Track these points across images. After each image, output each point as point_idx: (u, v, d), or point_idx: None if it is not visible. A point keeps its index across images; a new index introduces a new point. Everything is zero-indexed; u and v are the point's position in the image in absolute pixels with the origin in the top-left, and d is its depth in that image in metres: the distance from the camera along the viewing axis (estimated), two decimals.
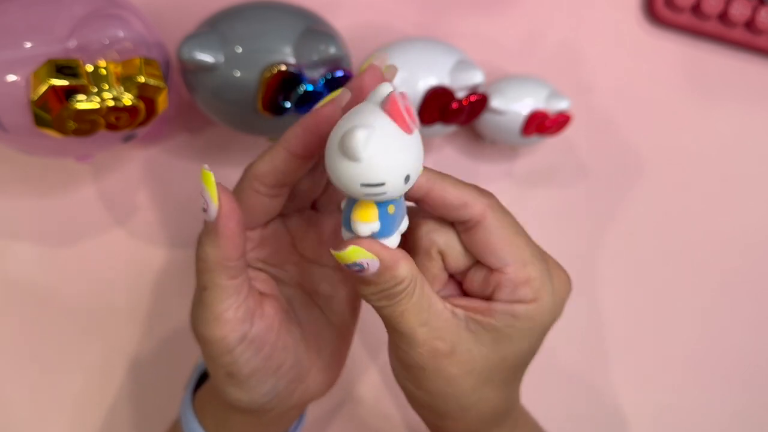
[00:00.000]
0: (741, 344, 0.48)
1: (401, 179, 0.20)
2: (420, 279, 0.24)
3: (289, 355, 0.27)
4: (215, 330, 0.24)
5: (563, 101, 0.40)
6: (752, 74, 0.49)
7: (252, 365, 0.26)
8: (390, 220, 0.22)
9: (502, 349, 0.25)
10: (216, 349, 0.25)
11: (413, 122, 0.20)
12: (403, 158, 0.20)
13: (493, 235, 0.24)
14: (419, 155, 0.20)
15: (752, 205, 0.49)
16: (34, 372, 0.38)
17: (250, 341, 0.25)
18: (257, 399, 0.27)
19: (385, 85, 0.21)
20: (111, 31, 0.29)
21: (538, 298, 0.25)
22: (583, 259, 0.46)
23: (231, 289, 0.24)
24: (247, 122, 0.34)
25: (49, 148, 0.32)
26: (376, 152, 0.19)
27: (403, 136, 0.20)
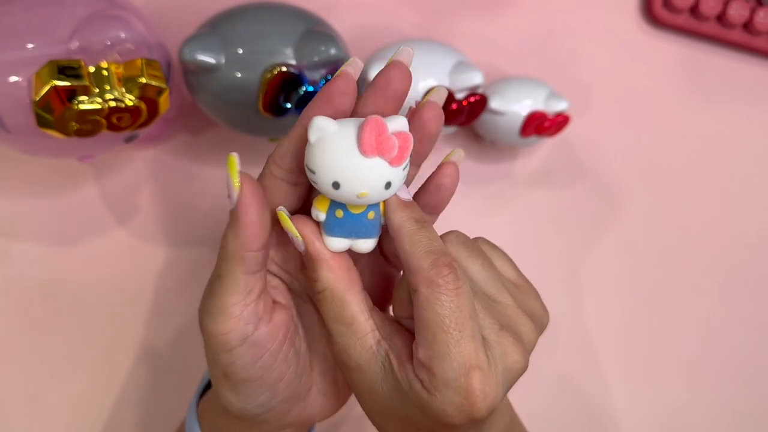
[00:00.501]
0: (740, 345, 0.49)
1: (329, 184, 0.22)
2: (343, 293, 0.24)
3: (289, 370, 0.26)
4: (219, 324, 0.24)
5: (562, 102, 0.40)
6: (750, 75, 0.49)
7: (249, 371, 0.25)
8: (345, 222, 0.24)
9: (399, 402, 0.24)
10: (216, 345, 0.24)
11: (380, 152, 0.22)
12: (338, 167, 0.22)
13: (419, 308, 0.23)
14: (370, 182, 0.22)
15: (751, 205, 0.49)
16: (35, 372, 0.38)
17: (251, 344, 0.24)
18: (250, 408, 0.26)
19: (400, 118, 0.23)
20: (113, 33, 0.29)
21: (434, 395, 0.23)
22: (581, 259, 0.46)
23: (243, 284, 0.24)
24: (248, 123, 0.34)
25: (51, 148, 0.32)
26: (321, 147, 0.22)
27: (355, 154, 0.22)
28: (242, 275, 0.24)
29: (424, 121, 0.24)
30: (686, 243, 0.48)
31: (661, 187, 0.48)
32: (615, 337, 0.46)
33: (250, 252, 0.23)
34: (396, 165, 0.22)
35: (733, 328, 0.49)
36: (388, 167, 0.22)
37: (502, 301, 0.26)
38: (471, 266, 0.26)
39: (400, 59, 0.24)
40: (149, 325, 0.40)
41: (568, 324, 0.46)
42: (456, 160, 0.26)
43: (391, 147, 0.22)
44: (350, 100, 0.24)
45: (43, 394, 0.38)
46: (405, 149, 0.22)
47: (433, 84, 0.36)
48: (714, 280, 0.48)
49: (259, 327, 0.25)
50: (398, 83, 0.24)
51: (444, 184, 0.26)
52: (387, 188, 0.23)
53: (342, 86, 0.23)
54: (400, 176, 0.23)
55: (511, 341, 0.24)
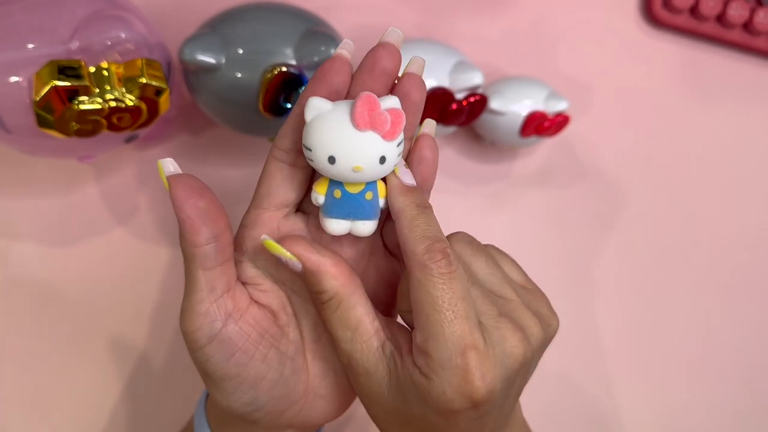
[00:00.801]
0: (740, 344, 0.49)
1: (325, 159, 0.23)
2: (349, 297, 0.24)
3: (270, 370, 0.26)
4: (186, 322, 0.24)
5: (562, 102, 0.40)
6: (750, 75, 0.49)
7: (223, 368, 0.25)
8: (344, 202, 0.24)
9: (401, 402, 0.24)
10: (188, 343, 0.25)
11: (373, 126, 0.23)
12: (332, 142, 0.23)
13: (413, 292, 0.23)
14: (364, 155, 0.23)
15: (750, 205, 0.49)
16: (35, 371, 0.38)
17: (220, 342, 0.24)
18: (235, 406, 0.26)
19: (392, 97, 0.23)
20: (113, 33, 0.29)
21: (430, 378, 0.23)
22: (581, 259, 0.46)
23: (204, 281, 0.24)
24: (248, 123, 0.34)
25: (52, 148, 0.32)
26: (317, 124, 0.23)
27: (349, 128, 0.22)
28: (200, 272, 0.24)
29: (405, 90, 0.25)
30: (686, 243, 0.48)
31: (661, 187, 0.48)
32: (615, 336, 0.46)
33: (198, 247, 0.24)
34: (389, 139, 0.23)
35: (733, 327, 0.49)
36: (381, 141, 0.23)
37: (506, 296, 0.26)
38: (475, 263, 0.26)
39: (388, 40, 0.24)
40: (150, 324, 0.40)
41: (568, 323, 0.45)
42: (428, 131, 0.26)
43: (383, 121, 0.23)
44: (344, 79, 0.24)
45: (44, 393, 0.38)
46: (397, 124, 0.23)
47: (434, 84, 0.36)
48: (714, 280, 0.48)
49: (227, 324, 0.25)
50: (386, 62, 0.24)
51: (425, 156, 0.26)
52: (382, 163, 0.23)
53: (336, 66, 0.24)
54: (394, 151, 0.23)
55: (510, 327, 0.24)
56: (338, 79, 0.24)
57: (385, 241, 0.28)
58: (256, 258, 0.26)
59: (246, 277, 0.27)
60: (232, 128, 0.36)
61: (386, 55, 0.24)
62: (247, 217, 0.27)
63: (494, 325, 0.24)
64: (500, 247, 0.30)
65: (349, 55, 0.25)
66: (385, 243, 0.28)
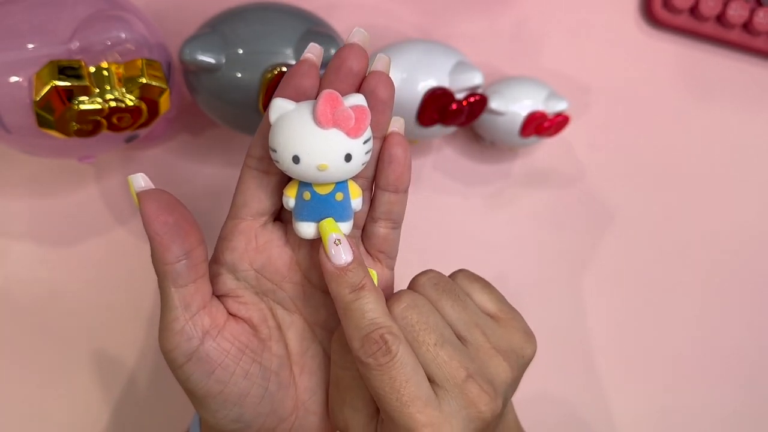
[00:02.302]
0: (740, 344, 0.49)
1: (289, 159, 0.22)
2: None
3: (254, 386, 0.25)
4: (163, 341, 0.24)
5: (562, 102, 0.40)
6: (749, 75, 0.49)
7: (205, 387, 0.25)
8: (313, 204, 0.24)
9: None
10: (168, 362, 0.24)
11: (336, 123, 0.22)
12: (295, 140, 0.22)
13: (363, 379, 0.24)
14: (328, 153, 0.22)
15: (750, 205, 0.49)
16: (35, 371, 0.38)
17: (198, 360, 0.24)
18: (223, 424, 0.26)
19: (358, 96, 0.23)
20: (113, 33, 0.29)
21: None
22: (581, 259, 0.46)
23: (178, 299, 0.24)
24: (249, 123, 0.34)
25: (52, 148, 0.32)
26: (280, 124, 0.23)
27: (312, 126, 0.22)
28: (173, 290, 0.23)
29: (371, 88, 0.24)
30: (686, 243, 0.48)
31: (660, 186, 0.48)
32: (614, 336, 0.47)
33: (168, 265, 0.23)
34: (354, 135, 0.22)
35: (733, 328, 0.49)
36: (346, 138, 0.22)
37: (474, 342, 0.25)
38: (442, 308, 0.25)
39: (354, 40, 0.24)
40: (150, 324, 0.40)
41: (567, 323, 0.46)
42: (397, 128, 0.26)
43: (347, 117, 0.22)
44: (311, 82, 0.24)
45: (44, 394, 0.38)
46: (361, 120, 0.22)
47: (434, 84, 0.36)
48: (713, 280, 0.48)
49: (204, 342, 0.24)
50: (352, 62, 0.24)
51: (395, 154, 0.25)
52: (348, 161, 0.23)
53: (303, 69, 0.24)
54: (360, 149, 0.23)
55: (477, 391, 0.24)
56: (306, 83, 0.24)
57: (367, 246, 0.27)
58: (236, 270, 0.26)
59: (226, 289, 0.26)
60: (232, 128, 0.36)
61: (352, 55, 0.24)
62: (225, 228, 0.26)
63: (458, 392, 0.24)
64: (501, 247, 0.30)
65: (316, 58, 0.24)
66: (367, 248, 0.27)
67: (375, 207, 0.26)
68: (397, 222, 0.27)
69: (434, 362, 0.24)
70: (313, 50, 0.24)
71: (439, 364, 0.24)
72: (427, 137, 0.40)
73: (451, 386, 0.24)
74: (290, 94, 0.24)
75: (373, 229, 0.27)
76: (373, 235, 0.27)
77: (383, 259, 0.27)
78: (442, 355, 0.24)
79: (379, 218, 0.26)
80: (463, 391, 0.24)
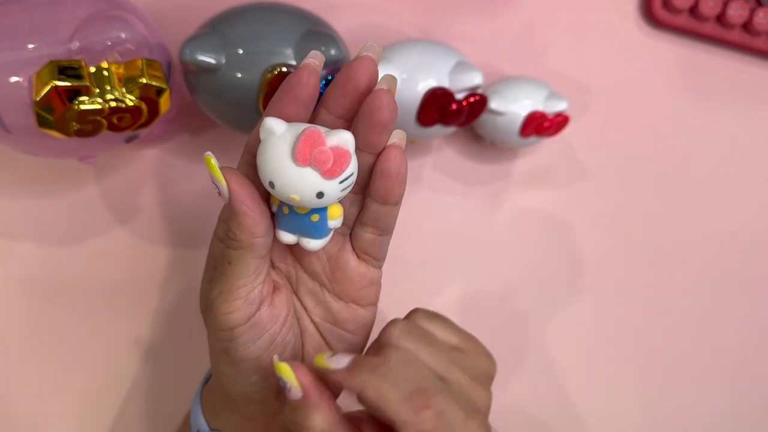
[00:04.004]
0: (739, 345, 0.49)
1: (266, 182, 0.23)
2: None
3: (285, 353, 0.27)
4: (226, 303, 0.25)
5: (561, 102, 0.40)
6: (749, 75, 0.49)
7: (247, 350, 0.26)
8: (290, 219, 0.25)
9: None
10: (220, 322, 0.25)
11: (313, 163, 0.22)
12: (272, 170, 0.23)
13: None
14: (300, 189, 0.23)
15: (749, 205, 0.49)
16: (36, 371, 0.38)
17: (252, 324, 0.26)
18: (243, 384, 0.27)
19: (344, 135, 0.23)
20: (113, 33, 0.29)
21: None
22: (581, 259, 0.46)
23: (253, 267, 0.25)
24: (249, 123, 0.34)
25: (52, 148, 0.32)
26: (263, 148, 0.23)
27: (289, 161, 0.22)
28: (252, 260, 0.25)
29: (372, 108, 0.23)
30: (686, 243, 0.48)
31: (660, 186, 0.48)
32: (614, 336, 0.47)
33: (257, 238, 0.24)
34: (329, 177, 0.23)
35: (733, 328, 0.49)
36: (320, 178, 0.23)
37: (455, 380, 0.26)
38: (421, 355, 0.26)
39: (366, 54, 0.24)
40: (150, 324, 0.40)
41: (566, 323, 0.46)
42: (398, 142, 0.25)
43: (324, 159, 0.22)
44: (309, 92, 0.24)
45: (45, 393, 0.38)
46: (339, 164, 0.23)
47: (434, 84, 0.36)
48: (713, 280, 0.48)
49: (261, 308, 0.26)
50: (361, 79, 0.24)
51: (387, 169, 0.25)
52: (319, 197, 0.23)
53: (302, 80, 0.24)
54: (334, 188, 0.23)
55: (476, 426, 0.25)
56: (305, 93, 0.24)
57: (354, 246, 0.28)
58: None
59: None
60: (232, 128, 0.36)
61: (360, 72, 0.24)
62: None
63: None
64: (501, 247, 0.30)
65: (318, 66, 0.24)
66: (354, 247, 0.28)
67: (364, 213, 0.27)
68: (385, 230, 0.27)
69: None
70: (314, 57, 0.24)
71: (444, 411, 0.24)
72: (427, 137, 0.40)
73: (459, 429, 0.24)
74: (288, 104, 0.24)
75: (360, 233, 0.27)
76: (359, 239, 0.27)
77: (369, 260, 0.28)
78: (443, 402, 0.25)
79: (367, 224, 0.27)
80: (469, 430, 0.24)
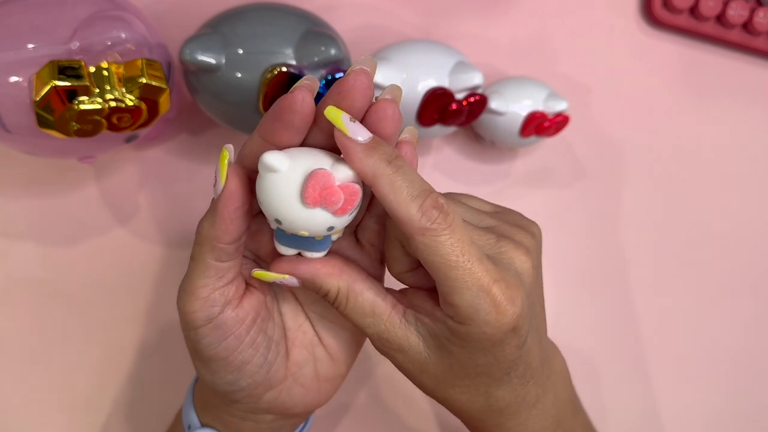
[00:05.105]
0: (739, 345, 0.49)
1: (272, 219, 0.23)
2: (353, 287, 0.25)
3: (257, 355, 0.26)
4: (186, 302, 0.25)
5: (561, 102, 0.40)
6: (749, 75, 0.49)
7: (214, 350, 0.25)
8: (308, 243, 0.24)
9: (446, 359, 0.25)
10: (184, 322, 0.25)
11: (324, 203, 0.22)
12: (279, 210, 0.22)
13: (422, 255, 0.23)
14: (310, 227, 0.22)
15: (749, 205, 0.49)
16: (35, 371, 0.38)
17: (215, 326, 0.25)
18: (218, 384, 0.27)
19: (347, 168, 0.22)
20: (113, 33, 0.29)
21: (467, 324, 0.24)
22: (581, 259, 0.46)
23: (213, 270, 0.24)
24: (249, 123, 0.34)
25: (52, 148, 0.32)
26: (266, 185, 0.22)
27: (297, 202, 0.22)
28: (212, 262, 0.24)
29: (377, 119, 0.23)
30: (686, 243, 0.48)
31: (660, 186, 0.48)
32: (614, 336, 0.47)
33: (222, 244, 0.24)
34: (340, 215, 0.22)
35: (733, 328, 0.49)
36: (331, 216, 0.22)
37: (489, 225, 0.27)
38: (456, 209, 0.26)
39: (363, 68, 0.22)
40: (149, 324, 0.40)
41: (566, 324, 0.46)
42: (409, 137, 0.25)
43: (335, 200, 0.22)
44: (303, 118, 0.22)
45: (44, 393, 0.38)
46: (350, 202, 0.22)
47: (434, 84, 0.36)
48: (713, 280, 0.48)
49: (225, 310, 0.25)
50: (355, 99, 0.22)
51: None
52: (329, 231, 0.23)
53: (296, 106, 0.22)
54: (344, 221, 0.23)
55: (512, 246, 0.25)
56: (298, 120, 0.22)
57: (358, 236, 0.27)
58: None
59: None
60: (232, 128, 0.36)
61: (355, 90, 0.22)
62: None
63: (498, 251, 0.25)
64: None
65: (311, 90, 0.22)
66: (358, 237, 0.28)
67: (373, 204, 0.27)
68: None
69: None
70: (308, 80, 0.23)
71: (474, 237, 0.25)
72: (427, 137, 0.40)
73: (490, 250, 0.25)
74: (281, 131, 0.23)
75: (367, 222, 0.27)
76: (366, 228, 0.27)
77: (372, 252, 0.28)
78: (470, 229, 0.25)
79: (374, 214, 0.27)
80: (502, 252, 0.25)
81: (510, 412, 0.28)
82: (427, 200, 0.22)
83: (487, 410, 0.27)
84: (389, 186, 0.22)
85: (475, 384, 0.26)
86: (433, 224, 0.22)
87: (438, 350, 0.25)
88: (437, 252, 0.23)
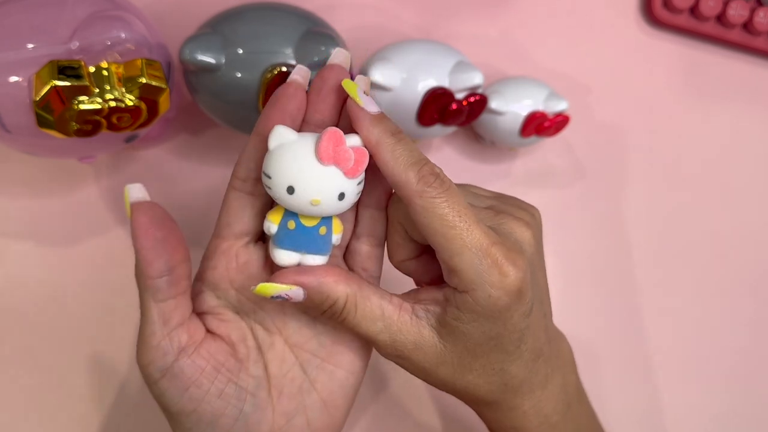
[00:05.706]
0: (739, 345, 0.49)
1: (284, 188, 0.23)
2: (360, 292, 0.25)
3: (229, 406, 0.25)
4: (140, 355, 0.24)
5: (562, 102, 0.40)
6: (749, 75, 0.49)
7: (178, 404, 0.24)
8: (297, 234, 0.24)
9: (460, 341, 0.25)
10: (145, 377, 0.24)
11: (336, 161, 0.23)
12: (293, 172, 0.23)
13: (421, 219, 0.24)
14: (323, 189, 0.23)
15: (749, 204, 0.49)
16: (35, 372, 0.38)
17: (172, 376, 0.24)
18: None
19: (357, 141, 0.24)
20: (113, 33, 0.29)
21: (471, 289, 0.24)
22: (581, 260, 0.46)
23: (157, 313, 0.24)
24: (249, 123, 0.34)
25: (52, 148, 0.32)
26: (280, 153, 0.23)
27: (313, 160, 0.23)
28: (153, 304, 0.24)
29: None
30: (686, 243, 0.48)
31: (660, 186, 0.48)
32: (615, 335, 0.47)
33: (150, 279, 0.23)
34: (351, 176, 0.23)
35: (733, 328, 0.49)
36: (342, 177, 0.23)
37: (488, 204, 0.27)
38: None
39: (335, 61, 0.25)
40: None
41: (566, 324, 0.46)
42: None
43: (347, 158, 0.23)
44: (298, 105, 0.25)
45: (43, 394, 0.38)
46: (360, 162, 0.23)
47: (434, 84, 0.36)
48: (714, 279, 0.48)
49: (180, 358, 0.24)
50: (333, 82, 0.25)
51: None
52: (340, 199, 0.23)
53: (290, 92, 0.25)
54: (354, 190, 0.24)
55: (511, 218, 0.26)
56: (293, 105, 0.25)
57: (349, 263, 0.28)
58: (217, 289, 0.26)
59: (206, 307, 0.26)
60: (232, 128, 0.36)
61: (333, 76, 0.25)
62: (208, 248, 0.27)
63: (497, 222, 0.26)
64: None
65: (303, 79, 0.25)
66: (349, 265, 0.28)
67: (358, 224, 0.27)
68: (380, 240, 0.27)
69: None
70: (300, 72, 0.25)
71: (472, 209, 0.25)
72: (427, 137, 0.40)
73: (489, 221, 0.26)
74: (276, 115, 0.24)
75: (356, 247, 0.27)
76: (356, 252, 0.27)
77: (366, 276, 0.27)
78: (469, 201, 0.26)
79: (362, 234, 0.27)
80: (501, 222, 0.26)
81: (524, 390, 0.28)
82: (425, 167, 0.24)
83: (504, 390, 0.27)
84: (390, 153, 0.23)
85: (490, 362, 0.26)
86: (429, 187, 0.23)
87: (451, 336, 0.25)
88: (435, 213, 0.23)
